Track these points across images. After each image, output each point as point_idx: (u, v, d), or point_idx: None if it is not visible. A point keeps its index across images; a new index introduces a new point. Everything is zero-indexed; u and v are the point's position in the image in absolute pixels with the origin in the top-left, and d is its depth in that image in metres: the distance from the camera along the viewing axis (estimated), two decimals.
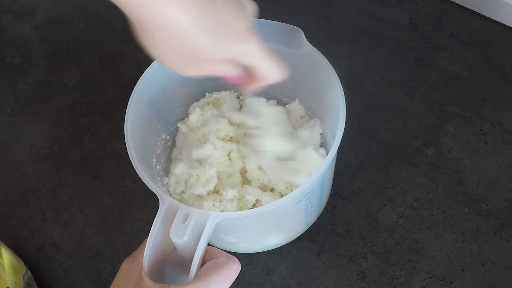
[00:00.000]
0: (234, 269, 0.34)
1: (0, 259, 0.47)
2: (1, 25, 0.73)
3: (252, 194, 0.46)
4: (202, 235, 0.34)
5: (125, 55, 0.67)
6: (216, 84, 0.53)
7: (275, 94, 0.54)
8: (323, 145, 0.52)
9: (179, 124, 0.52)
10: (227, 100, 0.53)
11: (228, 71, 0.33)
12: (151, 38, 0.28)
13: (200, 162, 0.48)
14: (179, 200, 0.46)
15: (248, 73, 0.34)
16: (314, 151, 0.47)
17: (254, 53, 0.31)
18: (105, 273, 0.51)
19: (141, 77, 0.44)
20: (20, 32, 0.72)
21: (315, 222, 0.51)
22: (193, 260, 0.33)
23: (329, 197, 0.52)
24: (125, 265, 0.35)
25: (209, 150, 0.48)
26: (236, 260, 0.35)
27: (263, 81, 0.34)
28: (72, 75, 0.67)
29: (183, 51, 0.28)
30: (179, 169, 0.48)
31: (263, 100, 0.44)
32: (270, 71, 0.33)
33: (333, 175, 0.50)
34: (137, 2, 0.26)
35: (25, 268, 0.49)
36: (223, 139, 0.49)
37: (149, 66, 0.44)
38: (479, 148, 0.55)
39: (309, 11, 0.69)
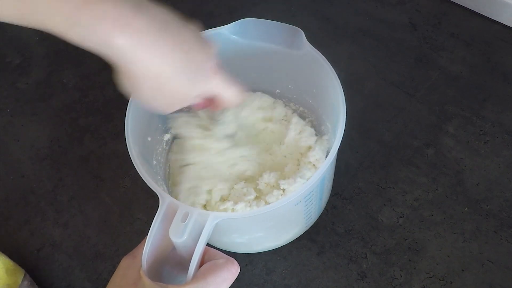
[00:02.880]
0: (233, 271, 0.34)
1: None
2: (1, 25, 0.73)
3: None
4: (201, 235, 0.34)
5: None
6: None
7: (276, 94, 0.54)
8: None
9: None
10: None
11: (196, 102, 0.39)
12: (139, 86, 0.32)
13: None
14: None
15: (211, 99, 0.40)
16: None
17: (220, 85, 0.37)
18: (105, 273, 0.51)
19: None
20: (20, 32, 0.72)
21: (315, 222, 0.51)
22: (192, 260, 0.33)
23: (329, 197, 0.52)
24: (124, 263, 0.35)
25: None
26: (236, 262, 0.35)
27: (225, 105, 0.40)
28: (72, 75, 0.67)
29: (168, 95, 0.34)
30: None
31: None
32: (232, 97, 0.39)
33: (333, 176, 0.50)
34: (127, 56, 0.30)
35: (23, 272, 0.49)
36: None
37: None
38: (479, 148, 0.55)
39: (309, 11, 0.69)
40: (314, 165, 0.48)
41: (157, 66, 0.31)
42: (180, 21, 0.33)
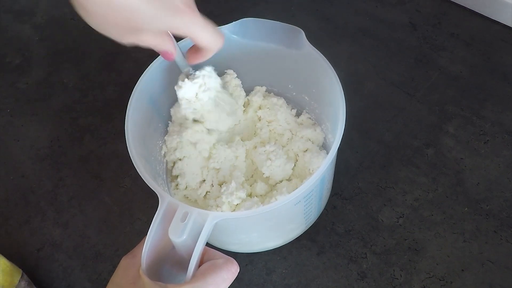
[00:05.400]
0: (232, 271, 0.34)
1: None
2: (1, 25, 0.73)
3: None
4: (201, 235, 0.34)
5: (125, 55, 0.67)
6: None
7: (275, 93, 0.54)
8: (324, 146, 0.52)
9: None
10: None
11: (164, 45, 0.33)
12: (86, 1, 0.27)
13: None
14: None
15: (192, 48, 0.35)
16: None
17: (191, 24, 0.32)
18: (105, 273, 0.51)
19: (141, 76, 0.44)
20: (20, 32, 0.72)
21: (315, 222, 0.51)
22: (191, 260, 0.33)
23: (329, 197, 0.52)
24: (124, 262, 0.35)
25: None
26: (235, 262, 0.35)
27: (204, 52, 0.35)
28: (72, 75, 0.67)
29: (119, 17, 0.28)
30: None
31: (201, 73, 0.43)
32: (208, 40, 0.34)
33: (333, 176, 0.50)
34: None
35: (21, 272, 0.49)
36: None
37: (149, 66, 0.44)
38: (479, 148, 0.55)
39: (309, 11, 0.69)
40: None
41: None
42: None
